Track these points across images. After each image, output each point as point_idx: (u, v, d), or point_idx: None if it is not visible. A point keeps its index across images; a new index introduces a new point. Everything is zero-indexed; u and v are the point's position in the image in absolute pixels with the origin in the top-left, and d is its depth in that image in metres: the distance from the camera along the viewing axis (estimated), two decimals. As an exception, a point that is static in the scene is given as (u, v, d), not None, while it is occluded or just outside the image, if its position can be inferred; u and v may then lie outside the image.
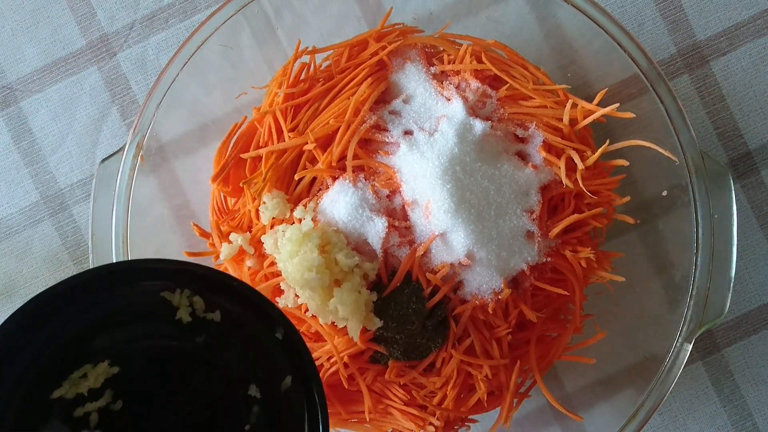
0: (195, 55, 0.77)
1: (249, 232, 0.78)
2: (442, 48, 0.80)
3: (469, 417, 0.78)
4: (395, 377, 0.74)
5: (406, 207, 0.74)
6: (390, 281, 0.73)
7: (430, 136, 0.75)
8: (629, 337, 0.81)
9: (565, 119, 0.76)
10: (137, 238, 0.77)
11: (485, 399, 0.74)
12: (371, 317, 0.72)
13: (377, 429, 0.78)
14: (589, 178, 0.76)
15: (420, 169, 0.73)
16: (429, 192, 0.72)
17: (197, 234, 0.81)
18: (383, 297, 0.73)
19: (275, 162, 0.76)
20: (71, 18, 0.90)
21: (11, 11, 0.90)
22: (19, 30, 0.90)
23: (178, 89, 0.77)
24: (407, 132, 0.76)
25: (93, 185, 0.77)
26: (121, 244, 0.76)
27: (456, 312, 0.73)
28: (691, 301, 0.76)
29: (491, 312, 0.73)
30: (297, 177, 0.77)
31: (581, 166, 0.74)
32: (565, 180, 0.74)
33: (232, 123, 0.80)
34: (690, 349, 0.75)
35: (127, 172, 0.77)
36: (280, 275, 0.74)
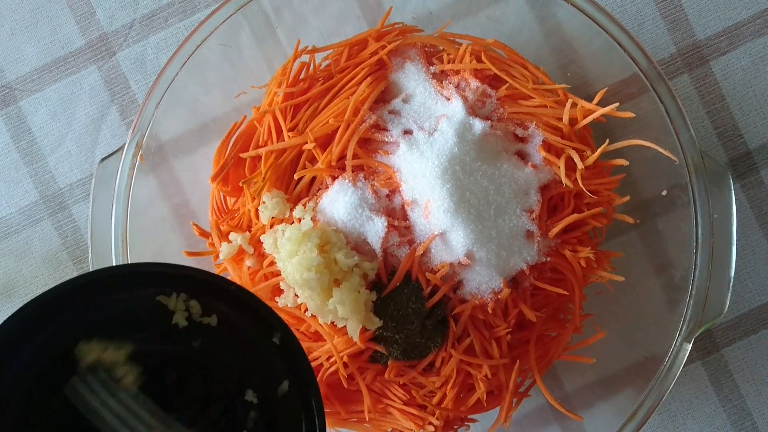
0: (194, 55, 0.76)
1: (248, 231, 0.78)
2: (441, 47, 0.80)
3: (469, 416, 0.78)
4: (395, 377, 0.74)
5: (405, 206, 0.74)
6: (389, 281, 0.73)
7: (429, 135, 0.74)
8: (629, 337, 0.81)
9: (565, 119, 0.76)
10: (137, 237, 0.77)
11: (485, 398, 0.74)
12: (371, 317, 0.72)
13: (377, 429, 0.78)
14: (589, 177, 0.76)
15: (419, 169, 0.73)
16: (428, 191, 0.72)
17: (197, 233, 0.81)
18: (383, 297, 0.73)
19: (275, 161, 0.76)
20: (71, 17, 0.90)
21: (10, 11, 0.90)
22: (19, 29, 0.90)
23: (177, 88, 0.77)
24: (407, 131, 0.76)
25: (92, 185, 0.77)
26: (121, 243, 0.76)
27: (455, 311, 0.73)
28: (691, 301, 0.76)
29: (491, 311, 0.73)
30: (296, 176, 0.77)
31: (581, 165, 0.74)
32: (565, 179, 0.74)
33: (231, 122, 0.80)
34: (689, 349, 0.75)
35: (127, 171, 0.77)
36: (279, 275, 0.74)
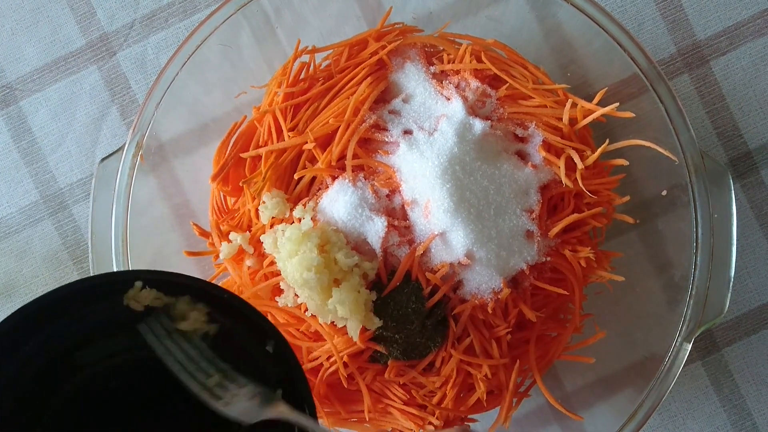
0: (195, 55, 0.77)
1: (248, 231, 0.78)
2: (441, 47, 0.80)
3: (469, 416, 0.78)
4: (395, 377, 0.74)
5: (405, 206, 0.74)
6: (389, 281, 0.73)
7: (429, 135, 0.74)
8: (629, 337, 0.81)
9: (565, 119, 0.76)
10: (137, 237, 0.77)
11: (485, 398, 0.74)
12: (371, 317, 0.72)
13: (377, 428, 0.78)
14: (589, 177, 0.76)
15: (419, 169, 0.73)
16: (428, 191, 0.72)
17: (197, 233, 0.81)
18: (383, 296, 0.73)
19: (275, 161, 0.76)
20: (71, 17, 0.90)
21: (11, 10, 0.90)
22: (19, 29, 0.90)
23: (177, 88, 0.77)
24: (407, 131, 0.76)
25: (92, 184, 0.77)
26: (121, 243, 0.76)
27: (455, 311, 0.73)
28: (691, 301, 0.76)
29: (491, 311, 0.73)
30: (296, 176, 0.77)
31: (581, 165, 0.74)
32: (565, 179, 0.74)
33: (231, 122, 0.80)
34: (689, 349, 0.75)
35: (127, 171, 0.77)
36: (279, 275, 0.74)
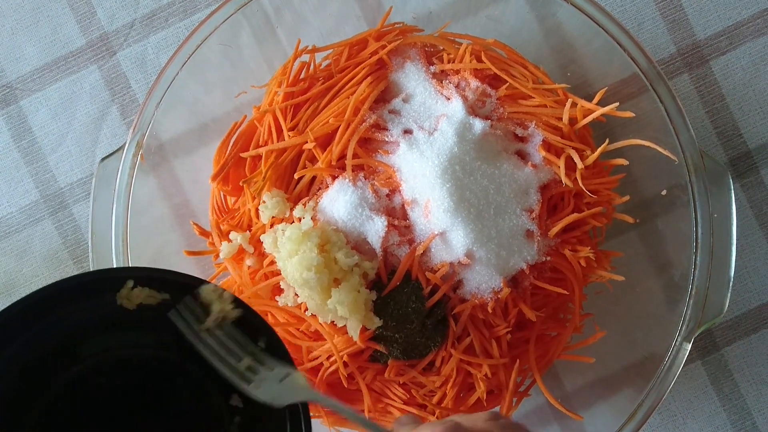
0: (195, 54, 0.76)
1: (249, 231, 0.78)
2: (441, 47, 0.80)
3: (469, 416, 0.78)
4: (395, 376, 0.74)
5: (405, 206, 0.74)
6: (389, 280, 0.73)
7: (429, 135, 0.74)
8: (629, 337, 0.81)
9: (565, 118, 0.76)
10: (137, 237, 0.77)
11: (485, 398, 0.74)
12: (370, 316, 0.72)
13: (377, 428, 0.78)
14: (589, 177, 0.76)
15: (419, 168, 0.73)
16: (428, 191, 0.72)
17: (197, 233, 0.81)
18: (383, 296, 0.73)
19: (275, 161, 0.76)
20: (71, 17, 0.90)
21: (11, 10, 0.90)
22: (19, 29, 0.90)
23: (177, 88, 0.77)
24: (407, 131, 0.76)
25: (93, 184, 0.77)
26: (121, 243, 0.76)
27: (455, 311, 0.73)
28: (691, 301, 0.76)
29: (491, 311, 0.73)
30: (297, 176, 0.77)
31: (581, 165, 0.74)
32: (565, 179, 0.74)
33: (231, 122, 0.80)
34: (689, 349, 0.75)
35: (127, 171, 0.77)
36: (279, 274, 0.74)
